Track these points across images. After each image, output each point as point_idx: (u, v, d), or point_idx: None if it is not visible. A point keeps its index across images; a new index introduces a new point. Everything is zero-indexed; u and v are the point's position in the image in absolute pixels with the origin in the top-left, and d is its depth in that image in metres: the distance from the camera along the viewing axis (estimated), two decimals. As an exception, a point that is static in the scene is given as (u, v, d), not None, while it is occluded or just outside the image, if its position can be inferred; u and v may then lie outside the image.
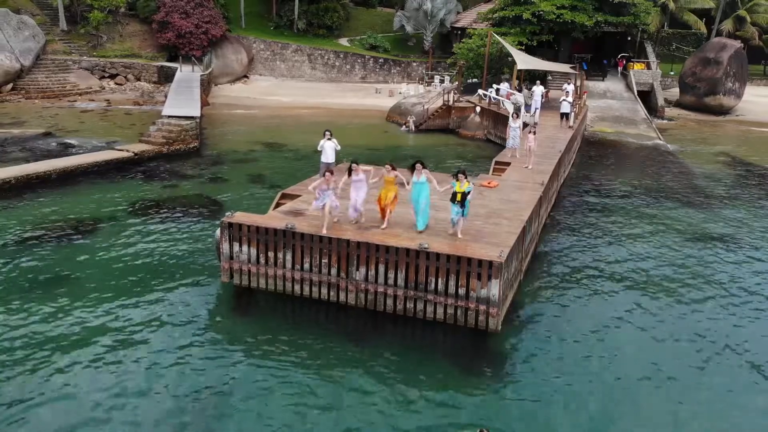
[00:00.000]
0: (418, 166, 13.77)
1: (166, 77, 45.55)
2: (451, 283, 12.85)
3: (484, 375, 11.69)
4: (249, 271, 14.28)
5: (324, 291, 13.85)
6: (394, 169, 13.90)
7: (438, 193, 13.76)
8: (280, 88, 49.60)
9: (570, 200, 23.49)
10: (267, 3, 56.69)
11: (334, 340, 12.52)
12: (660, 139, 36.24)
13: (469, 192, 13.55)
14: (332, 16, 56.28)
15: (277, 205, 16.40)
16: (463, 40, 46.68)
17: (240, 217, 14.50)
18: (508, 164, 21.40)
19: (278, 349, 12.08)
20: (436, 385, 11.19)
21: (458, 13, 56.66)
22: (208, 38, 46.83)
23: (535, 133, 21.88)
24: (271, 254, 14.05)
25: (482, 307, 12.70)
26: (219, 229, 14.48)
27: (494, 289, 12.52)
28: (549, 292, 15.21)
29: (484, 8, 53.11)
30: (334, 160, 16.92)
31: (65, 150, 27.73)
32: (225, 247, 14.30)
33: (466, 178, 13.61)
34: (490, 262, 12.48)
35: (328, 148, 16.67)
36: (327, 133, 16.89)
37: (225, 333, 12.64)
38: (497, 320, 12.74)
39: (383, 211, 14.13)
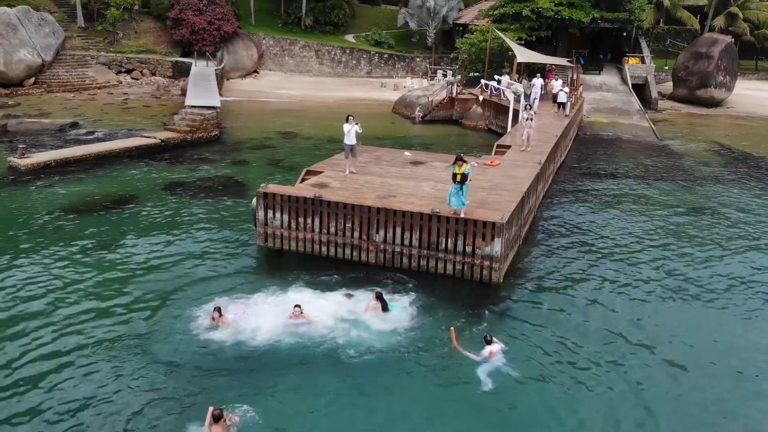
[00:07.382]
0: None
1: (180, 72, 47.60)
2: (459, 242, 14.84)
3: (488, 319, 13.63)
4: (281, 235, 16.25)
5: (348, 252, 15.83)
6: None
7: None
8: (289, 82, 51.53)
9: (565, 181, 25.44)
10: (276, 1, 58.68)
11: (356, 295, 14.30)
12: (653, 128, 38.13)
13: (468, 174, 14.69)
14: (338, 14, 58.30)
15: (302, 180, 18.33)
16: (465, 35, 48.62)
17: (273, 187, 16.47)
18: (509, 147, 23.37)
19: (309, 303, 13.85)
20: (446, 327, 13.09)
21: (460, 10, 58.62)
22: (220, 35, 48.80)
23: (533, 119, 23.77)
24: (301, 220, 16.02)
25: (486, 263, 14.70)
26: (255, 198, 16.43)
27: (497, 246, 14.51)
28: (544, 255, 17.20)
29: (486, 5, 54.99)
30: (355, 142, 18.77)
31: (94, 138, 29.66)
32: (260, 214, 16.26)
33: (464, 162, 14.85)
34: (494, 223, 14.47)
35: (351, 131, 18.50)
36: (350, 117, 18.69)
37: (262, 288, 14.46)
38: (499, 274, 14.75)
39: None
